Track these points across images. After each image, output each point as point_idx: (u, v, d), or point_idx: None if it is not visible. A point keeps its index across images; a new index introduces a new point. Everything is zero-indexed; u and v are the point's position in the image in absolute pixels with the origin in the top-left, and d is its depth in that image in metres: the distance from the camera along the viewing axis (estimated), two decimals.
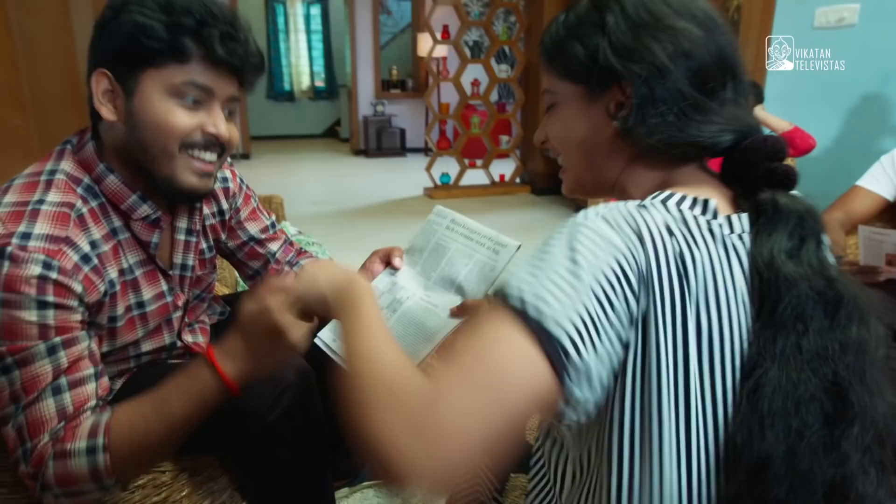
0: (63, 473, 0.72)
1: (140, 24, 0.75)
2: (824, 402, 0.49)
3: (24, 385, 0.72)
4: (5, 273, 0.70)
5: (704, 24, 0.57)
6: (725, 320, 0.51)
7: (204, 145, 0.83)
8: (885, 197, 1.78)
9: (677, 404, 0.50)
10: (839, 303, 0.51)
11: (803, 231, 0.53)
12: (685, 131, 0.56)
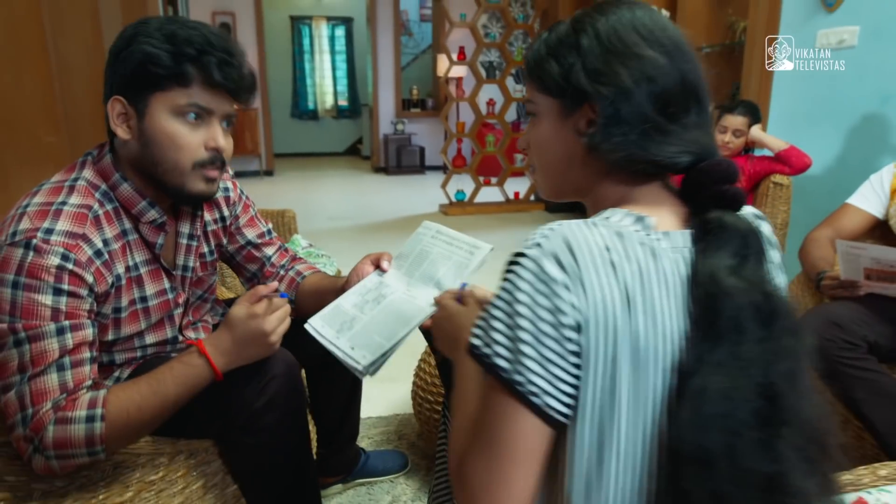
0: (62, 437, 0.81)
1: (148, 53, 0.87)
2: (759, 405, 0.53)
3: (33, 358, 0.82)
4: (29, 261, 0.82)
5: (670, 52, 0.61)
6: (659, 327, 0.55)
7: (211, 161, 0.95)
8: (874, 214, 1.82)
9: (612, 402, 0.55)
10: (774, 315, 0.55)
11: (745, 250, 0.57)
12: (646, 150, 0.61)
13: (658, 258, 0.57)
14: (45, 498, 0.87)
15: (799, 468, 0.53)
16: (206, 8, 6.94)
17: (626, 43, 0.61)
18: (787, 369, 0.54)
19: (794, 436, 0.53)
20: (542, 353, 0.55)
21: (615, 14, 0.63)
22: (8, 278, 0.82)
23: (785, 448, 0.53)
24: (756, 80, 3.02)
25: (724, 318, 0.54)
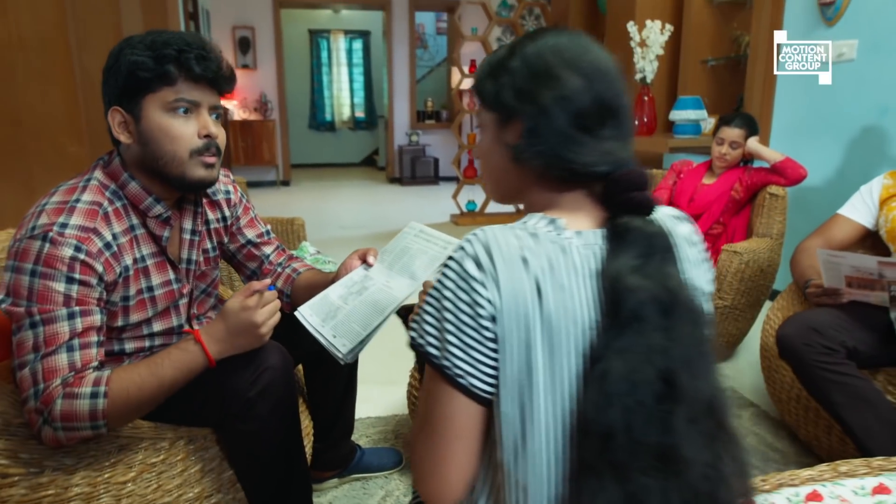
0: (68, 411, 0.90)
1: (134, 62, 0.98)
2: (657, 387, 0.59)
3: (46, 339, 0.91)
4: (46, 252, 0.92)
5: (588, 75, 0.67)
6: (570, 314, 0.62)
7: (206, 148, 1.04)
8: (864, 225, 1.85)
9: (528, 382, 0.62)
10: (675, 308, 0.62)
11: (650, 250, 0.64)
12: (563, 159, 0.68)
13: (568, 253, 0.64)
14: (55, 474, 0.95)
15: (694, 440, 0.60)
16: (227, 23, 7.14)
17: (548, 66, 0.68)
18: (684, 354, 0.61)
19: (689, 412, 0.60)
20: (464, 341, 0.63)
21: (542, 40, 0.70)
22: (27, 267, 0.92)
23: (679, 423, 0.59)
24: (759, 92, 3.07)
25: (627, 310, 0.61)
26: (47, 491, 0.94)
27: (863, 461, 1.04)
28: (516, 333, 0.62)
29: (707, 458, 0.61)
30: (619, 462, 0.59)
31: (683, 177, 2.56)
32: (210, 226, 1.22)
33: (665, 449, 0.59)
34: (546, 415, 0.63)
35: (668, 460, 0.59)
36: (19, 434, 0.95)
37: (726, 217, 2.42)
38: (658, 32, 3.31)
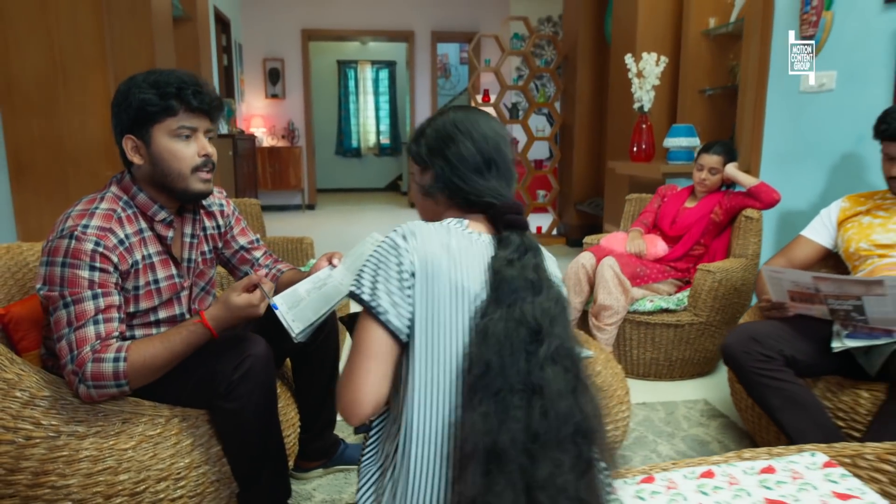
0: (97, 372, 1.13)
1: (142, 99, 1.21)
2: (525, 334, 0.83)
3: (76, 315, 1.15)
4: (73, 247, 1.16)
5: (475, 140, 0.97)
6: (468, 282, 0.88)
7: (204, 165, 1.28)
8: (824, 245, 1.98)
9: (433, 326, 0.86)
10: (540, 288, 0.88)
11: (522, 250, 0.90)
12: (461, 191, 0.97)
13: (471, 242, 0.92)
14: (69, 439, 1.15)
15: (552, 369, 0.81)
16: (258, 55, 7.54)
17: (449, 132, 0.99)
18: (545, 314, 0.84)
19: (547, 350, 0.81)
20: (389, 289, 0.88)
21: (448, 115, 1.01)
22: (58, 260, 1.16)
23: (541, 358, 0.81)
24: (749, 121, 3.20)
25: (506, 286, 0.86)
26: (62, 452, 1.14)
27: (766, 450, 1.17)
28: (427, 286, 0.87)
29: (564, 388, 0.81)
30: (495, 386, 0.80)
31: (667, 200, 2.70)
32: (207, 232, 1.45)
33: (529, 377, 0.80)
34: (444, 352, 0.86)
35: (532, 386, 0.80)
36: (41, 406, 1.16)
37: (707, 239, 2.55)
38: (654, 64, 3.48)
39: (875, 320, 1.52)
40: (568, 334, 0.85)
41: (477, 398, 0.80)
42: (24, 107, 2.85)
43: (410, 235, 0.90)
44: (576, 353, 0.85)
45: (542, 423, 0.78)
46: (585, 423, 0.80)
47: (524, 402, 0.79)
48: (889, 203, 1.86)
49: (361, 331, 0.88)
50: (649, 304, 2.36)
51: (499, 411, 0.78)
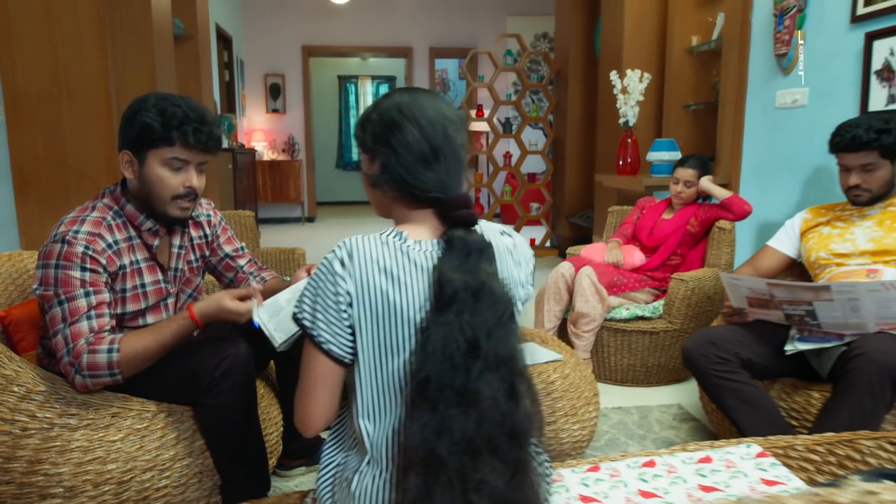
0: (91, 362, 1.23)
1: (146, 124, 1.29)
2: (463, 347, 0.84)
3: (70, 311, 1.24)
4: (64, 251, 1.26)
5: (423, 127, 0.92)
6: (410, 299, 0.88)
7: (184, 195, 1.36)
8: (788, 255, 2.07)
9: (376, 348, 0.90)
10: (481, 293, 0.87)
11: (467, 252, 0.89)
12: (407, 185, 0.94)
13: (408, 256, 0.91)
14: (62, 430, 1.24)
15: (488, 384, 0.84)
16: (260, 71, 7.70)
17: (394, 118, 0.94)
18: (486, 325, 0.86)
19: (486, 365, 0.85)
20: (328, 319, 0.90)
21: (391, 99, 0.97)
22: (52, 262, 1.26)
23: (477, 372, 0.84)
24: (729, 136, 3.30)
25: (446, 295, 0.86)
26: (55, 443, 1.23)
27: (708, 443, 1.25)
28: (368, 314, 0.89)
29: (499, 396, 0.85)
30: (433, 399, 0.84)
31: (645, 212, 2.79)
32: (194, 242, 1.55)
33: (465, 389, 0.84)
34: (389, 369, 0.90)
35: (467, 397, 0.84)
36: (37, 400, 1.25)
37: (684, 249, 2.64)
38: (637, 81, 3.59)
39: (827, 325, 1.61)
40: (508, 341, 0.87)
41: (417, 410, 0.84)
42: (28, 122, 2.97)
43: (347, 260, 0.90)
44: (515, 360, 0.88)
45: (478, 431, 0.83)
46: (520, 428, 0.85)
47: (461, 412, 0.83)
48: (847, 214, 1.95)
49: (307, 355, 0.93)
50: (625, 311, 2.45)
51: (437, 421, 0.82)
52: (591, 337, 2.43)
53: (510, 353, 0.88)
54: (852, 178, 1.86)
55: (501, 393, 0.85)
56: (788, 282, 1.61)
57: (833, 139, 1.90)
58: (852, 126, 1.84)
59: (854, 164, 1.84)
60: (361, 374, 0.92)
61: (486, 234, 0.95)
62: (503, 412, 0.85)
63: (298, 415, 0.95)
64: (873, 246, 1.81)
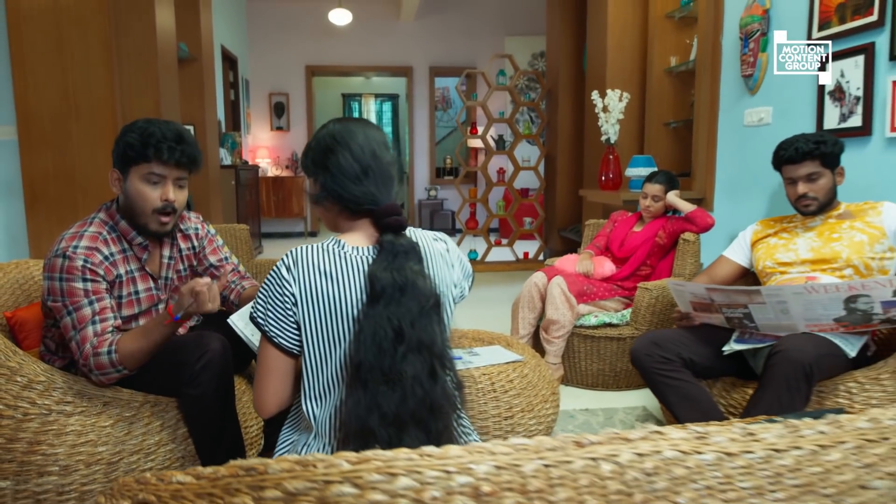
0: (98, 363, 1.40)
1: (127, 143, 1.47)
2: (390, 334, 1.00)
3: (78, 319, 1.41)
4: (66, 265, 1.42)
5: (353, 150, 1.10)
6: (347, 297, 1.04)
7: (163, 210, 1.52)
8: (741, 264, 2.20)
9: (319, 340, 1.05)
10: (405, 288, 1.02)
11: (395, 253, 1.05)
12: (343, 200, 1.11)
13: (346, 260, 1.07)
14: (58, 416, 1.40)
15: (412, 365, 1.00)
16: (264, 90, 7.95)
17: (329, 145, 1.12)
18: (408, 315, 1.01)
19: (409, 349, 1.00)
20: (277, 316, 1.08)
21: (327, 129, 1.15)
22: (56, 276, 1.43)
23: (402, 355, 1.00)
24: (704, 152, 3.45)
25: (376, 290, 1.02)
26: (52, 427, 1.39)
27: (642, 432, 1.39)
28: (311, 311, 1.06)
29: (421, 375, 1.00)
30: (365, 379, 1.00)
31: (617, 225, 2.94)
32: (182, 252, 1.71)
33: (391, 370, 1.00)
34: (331, 357, 1.06)
35: (393, 376, 1.00)
36: (37, 389, 1.41)
37: (653, 260, 2.78)
38: (617, 100, 3.75)
39: (764, 327, 1.75)
40: (430, 328, 1.02)
41: (352, 389, 1.00)
42: (39, 140, 3.17)
43: (293, 266, 1.06)
44: (435, 345, 1.03)
45: (403, 405, 0.98)
46: (439, 403, 1.01)
47: (388, 389, 0.98)
48: (792, 226, 2.09)
49: (261, 348, 1.10)
50: (594, 319, 2.59)
51: (368, 398, 0.98)
52: (561, 343, 2.56)
53: (431, 339, 1.03)
54: (800, 188, 1.99)
55: (423, 373, 1.01)
56: (725, 286, 1.75)
57: (778, 154, 2.05)
58: (792, 142, 1.99)
59: (800, 175, 1.98)
60: (308, 363, 1.07)
61: (418, 238, 1.12)
62: (425, 389, 1.00)
63: (255, 398, 1.12)
64: (812, 255, 1.95)
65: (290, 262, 1.07)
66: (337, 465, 0.58)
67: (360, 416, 0.98)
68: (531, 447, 0.61)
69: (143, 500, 0.63)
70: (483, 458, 0.59)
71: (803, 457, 0.65)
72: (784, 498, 0.61)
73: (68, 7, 3.08)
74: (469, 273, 1.25)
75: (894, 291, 1.53)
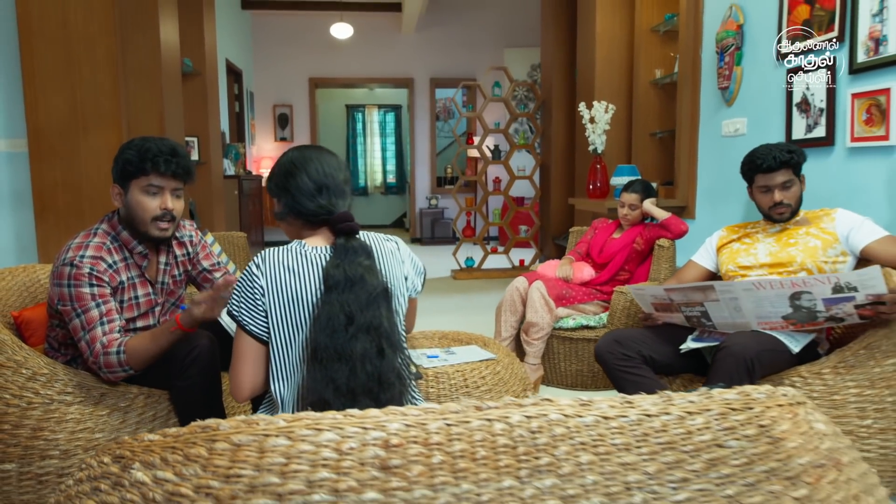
0: (107, 362, 1.53)
1: (126, 159, 1.62)
2: (342, 319, 1.17)
3: (87, 321, 1.54)
4: (73, 273, 1.56)
5: (311, 173, 1.29)
6: (304, 288, 1.21)
7: (161, 217, 1.66)
8: (707, 268, 2.31)
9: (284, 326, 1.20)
10: (355, 281, 1.19)
11: (346, 252, 1.22)
12: (302, 213, 1.29)
13: (306, 257, 1.23)
14: (59, 405, 1.53)
15: (361, 344, 1.15)
16: (269, 102, 8.14)
17: (289, 169, 1.32)
18: (357, 302, 1.17)
19: (358, 331, 1.16)
20: (248, 306, 1.23)
21: (288, 156, 1.34)
22: (64, 282, 1.56)
23: (353, 336, 1.15)
24: (686, 162, 3.56)
25: (329, 283, 1.18)
26: (53, 415, 1.52)
27: None
28: (276, 302, 1.21)
29: (369, 353, 1.16)
30: (323, 359, 1.15)
31: (598, 232, 3.06)
32: (178, 259, 1.84)
33: (343, 349, 1.15)
34: (295, 342, 1.21)
35: (344, 354, 1.15)
36: (40, 381, 1.55)
37: (631, 265, 2.90)
38: (603, 112, 3.88)
39: (721, 325, 1.86)
40: (377, 314, 1.19)
41: (311, 367, 1.16)
42: (49, 153, 3.32)
43: (262, 263, 1.23)
44: (382, 328, 1.19)
45: (354, 379, 1.14)
46: (386, 376, 1.16)
47: (341, 365, 1.14)
48: (754, 232, 2.20)
49: (237, 337, 1.25)
50: (572, 321, 2.70)
51: (323, 374, 1.14)
52: (541, 344, 2.68)
53: (379, 322, 1.19)
54: (776, 195, 2.07)
55: (372, 351, 1.17)
56: (681, 285, 1.87)
57: (753, 164, 2.12)
58: (767, 151, 2.08)
59: (776, 183, 2.06)
60: (275, 347, 1.22)
61: (370, 240, 1.30)
62: (374, 365, 1.16)
63: (230, 383, 1.25)
64: (770, 259, 2.06)
65: (259, 261, 1.25)
66: (275, 422, 0.71)
67: (317, 389, 1.14)
68: (437, 410, 0.73)
69: (120, 454, 0.76)
70: (396, 418, 0.72)
71: (671, 420, 0.78)
72: (647, 452, 0.73)
73: (77, 26, 3.25)
74: (420, 270, 1.41)
75: (833, 289, 1.64)
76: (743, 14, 3.03)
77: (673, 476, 0.71)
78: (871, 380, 1.63)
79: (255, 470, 0.66)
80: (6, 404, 1.50)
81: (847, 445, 0.90)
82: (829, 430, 0.87)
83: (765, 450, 0.76)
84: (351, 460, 0.66)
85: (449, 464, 0.67)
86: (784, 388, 0.87)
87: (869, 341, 1.67)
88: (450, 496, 0.66)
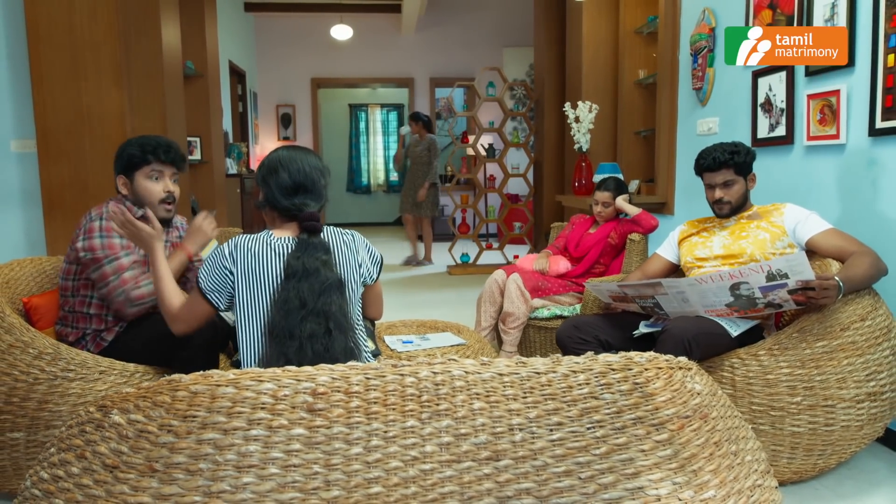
0: (139, 295, 1.77)
1: (131, 154, 1.83)
2: (297, 303, 1.34)
3: (118, 267, 1.77)
4: (104, 225, 1.80)
5: (290, 172, 1.46)
6: (267, 273, 1.39)
7: (166, 199, 1.88)
8: (670, 260, 2.46)
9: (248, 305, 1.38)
10: (310, 271, 1.37)
11: (306, 247, 1.39)
12: (278, 207, 1.47)
13: (270, 245, 1.41)
14: (62, 381, 1.71)
15: (311, 325, 1.32)
16: (272, 102, 8.33)
17: (273, 166, 1.49)
18: (311, 290, 1.34)
19: (308, 313, 1.33)
20: (216, 281, 1.41)
21: (275, 154, 1.52)
22: (96, 234, 1.79)
23: (304, 317, 1.32)
24: (665, 160, 3.70)
25: (289, 272, 1.36)
26: (57, 390, 1.70)
27: None
28: (243, 284, 1.39)
29: (318, 334, 1.33)
30: (278, 336, 1.33)
31: (575, 227, 3.21)
32: (172, 241, 2.03)
33: (294, 329, 1.32)
34: (256, 317, 1.39)
35: (296, 333, 1.32)
36: (46, 359, 1.72)
37: (606, 259, 3.04)
38: (587, 111, 4.02)
39: (672, 313, 2.01)
40: (328, 300, 1.35)
41: (269, 342, 1.34)
42: (56, 153, 3.50)
43: (234, 248, 1.42)
44: (332, 312, 1.35)
45: (301, 354, 1.31)
46: (335, 355, 1.32)
47: (293, 343, 1.31)
48: (711, 226, 2.35)
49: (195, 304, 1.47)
50: (546, 311, 2.85)
51: (278, 350, 1.32)
52: (517, 333, 2.83)
53: (328, 308, 1.36)
54: (717, 193, 2.23)
55: (319, 332, 1.33)
56: (633, 282, 2.02)
57: (698, 163, 2.29)
58: (710, 151, 2.24)
59: (717, 181, 2.22)
60: (240, 325, 1.40)
61: (329, 236, 1.47)
62: (323, 344, 1.33)
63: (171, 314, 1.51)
64: (723, 251, 2.21)
65: (232, 247, 1.44)
66: (226, 375, 0.87)
67: (271, 363, 1.32)
68: (360, 367, 0.90)
69: (104, 404, 0.93)
70: (324, 372, 0.88)
71: (556, 377, 0.93)
72: (531, 401, 0.89)
73: (82, 31, 3.43)
74: (377, 260, 1.58)
75: (767, 276, 1.78)
76: (715, 17, 3.16)
77: (550, 420, 0.87)
78: (802, 360, 1.77)
79: (206, 411, 0.83)
80: (15, 380, 1.67)
81: (722, 404, 1.05)
82: (704, 391, 1.02)
83: (635, 401, 0.91)
84: (284, 404, 0.83)
85: (364, 408, 0.83)
86: (667, 355, 1.02)
87: (802, 325, 1.81)
88: (362, 432, 0.82)
